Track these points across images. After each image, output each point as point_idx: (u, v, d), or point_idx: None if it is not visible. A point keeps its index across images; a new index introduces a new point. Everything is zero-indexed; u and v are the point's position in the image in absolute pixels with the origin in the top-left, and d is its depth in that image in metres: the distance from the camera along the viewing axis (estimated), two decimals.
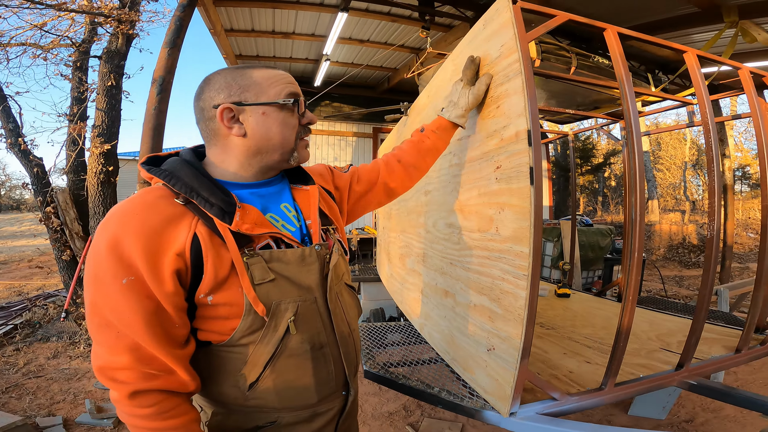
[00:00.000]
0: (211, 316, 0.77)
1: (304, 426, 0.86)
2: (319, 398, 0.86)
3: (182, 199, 0.75)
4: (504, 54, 1.16)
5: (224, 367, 0.80)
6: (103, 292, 0.69)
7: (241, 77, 0.82)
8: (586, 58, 3.21)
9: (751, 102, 1.71)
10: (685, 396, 2.82)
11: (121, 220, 0.70)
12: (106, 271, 0.68)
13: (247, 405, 0.82)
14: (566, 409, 1.18)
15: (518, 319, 1.03)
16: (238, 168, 0.84)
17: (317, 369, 0.85)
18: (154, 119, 2.57)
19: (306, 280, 0.83)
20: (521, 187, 1.07)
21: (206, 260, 0.73)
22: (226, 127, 0.81)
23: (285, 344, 0.80)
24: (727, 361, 1.49)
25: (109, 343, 0.70)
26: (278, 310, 0.79)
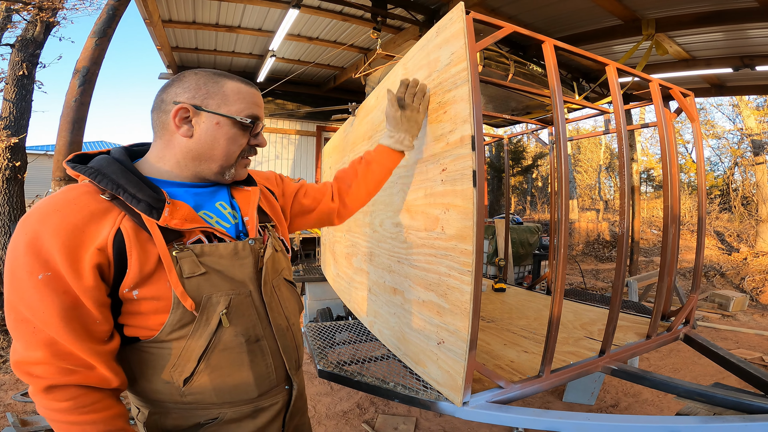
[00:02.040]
0: (138, 312, 0.76)
1: (248, 423, 0.86)
2: (259, 392, 0.87)
3: (108, 195, 0.75)
4: (454, 62, 1.22)
5: (156, 364, 0.79)
6: (18, 288, 0.68)
7: (212, 84, 0.84)
8: (523, 66, 3.45)
9: (658, 112, 1.95)
10: (608, 382, 3.15)
11: (42, 216, 0.69)
12: (23, 267, 0.67)
13: (183, 402, 0.81)
14: (512, 396, 1.27)
15: (465, 313, 1.10)
16: (174, 166, 0.84)
17: (255, 362, 0.85)
18: (74, 111, 2.34)
19: (239, 273, 0.83)
20: (465, 188, 1.13)
21: (130, 255, 0.73)
22: (176, 125, 0.82)
23: (218, 337, 0.80)
24: (640, 346, 1.69)
25: (25, 339, 0.69)
26: (209, 303, 0.79)
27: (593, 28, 4.74)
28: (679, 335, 1.91)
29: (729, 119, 13.27)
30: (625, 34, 4.63)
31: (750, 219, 9.55)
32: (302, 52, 5.84)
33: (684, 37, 4.81)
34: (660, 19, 4.41)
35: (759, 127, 9.26)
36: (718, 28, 4.46)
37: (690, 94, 2.18)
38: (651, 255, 9.66)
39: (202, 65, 6.43)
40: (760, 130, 9.19)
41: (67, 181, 2.37)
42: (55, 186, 2.36)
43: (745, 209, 10.02)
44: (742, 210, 10.05)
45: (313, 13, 4.52)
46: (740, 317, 5.29)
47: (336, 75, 6.72)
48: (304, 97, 7.11)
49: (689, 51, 5.15)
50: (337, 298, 3.51)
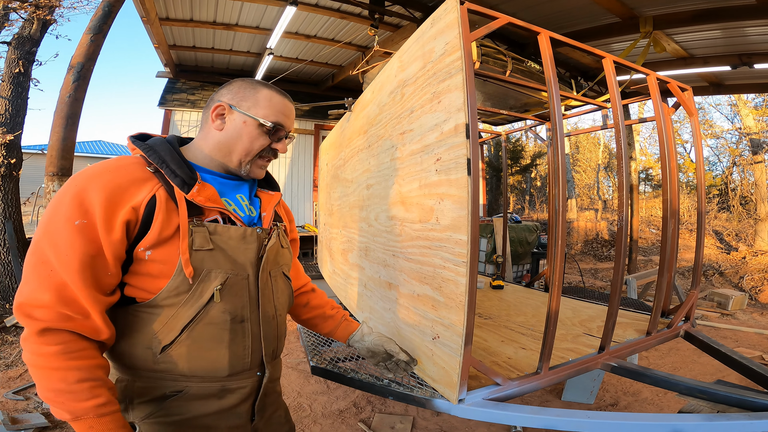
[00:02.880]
0: (144, 272, 0.83)
1: (213, 402, 0.90)
2: (230, 372, 0.90)
3: (153, 168, 0.86)
4: (448, 51, 1.20)
5: (141, 328, 0.84)
6: (51, 231, 0.75)
7: (251, 89, 0.97)
8: (520, 63, 3.42)
9: (656, 105, 1.93)
10: (607, 381, 3.12)
11: (94, 175, 0.80)
12: (64, 213, 0.76)
13: (155, 369, 0.85)
14: (509, 393, 1.24)
15: (460, 306, 1.07)
16: (207, 155, 0.96)
17: (234, 341, 0.90)
18: (68, 107, 2.32)
19: (242, 256, 0.91)
20: (459, 177, 1.11)
21: (156, 218, 0.81)
22: (212, 119, 0.95)
23: (207, 311, 0.86)
24: (640, 343, 1.66)
25: (39, 280, 0.74)
26: (208, 277, 0.86)
27: (591, 26, 4.72)
28: (680, 332, 1.89)
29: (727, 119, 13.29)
30: (623, 32, 4.61)
31: (748, 218, 9.54)
32: (300, 50, 5.81)
33: (682, 35, 4.79)
34: (658, 17, 4.39)
35: (757, 126, 9.25)
36: (715, 26, 4.44)
37: (688, 88, 2.16)
38: (649, 254, 9.64)
39: (199, 64, 6.40)
40: (758, 129, 9.18)
41: (61, 176, 2.34)
42: (48, 181, 2.33)
43: (743, 208, 10.01)
44: (740, 209, 10.04)
45: (311, 11, 4.50)
46: (739, 316, 5.27)
47: (334, 73, 6.70)
48: (303, 95, 7.08)
49: (687, 49, 5.14)
50: (332, 295, 3.48)
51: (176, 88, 6.43)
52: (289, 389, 3.00)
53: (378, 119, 1.83)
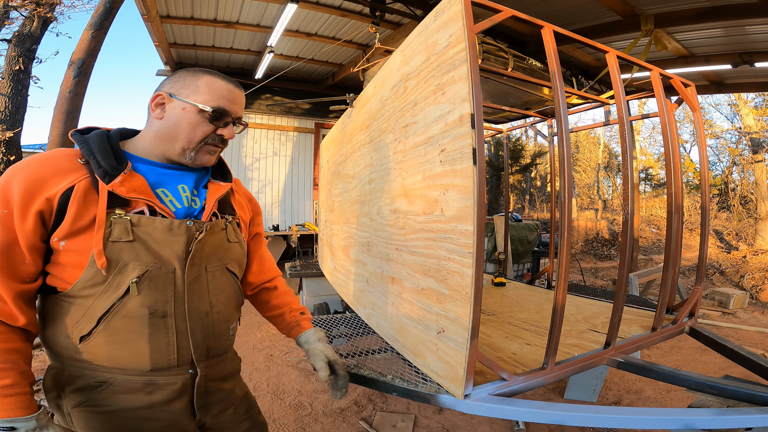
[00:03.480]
0: (61, 262, 0.83)
1: (142, 396, 0.89)
2: (152, 367, 0.89)
3: (83, 160, 0.86)
4: (452, 43, 1.19)
5: (62, 317, 0.85)
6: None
7: (191, 77, 0.96)
8: (522, 60, 3.41)
9: (659, 101, 1.91)
10: (610, 379, 3.11)
11: (21, 167, 0.81)
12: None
13: (77, 359, 0.86)
14: (515, 389, 1.22)
15: (466, 298, 1.05)
16: (148, 145, 0.96)
17: (155, 336, 0.88)
18: (68, 102, 2.30)
19: (167, 249, 0.89)
20: (465, 167, 1.09)
21: (69, 208, 0.81)
22: (152, 108, 0.95)
23: (123, 303, 0.85)
24: (646, 339, 1.64)
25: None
26: (125, 269, 0.84)
27: (592, 24, 4.70)
28: (684, 328, 1.87)
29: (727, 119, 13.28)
30: (624, 30, 4.60)
31: (748, 218, 9.53)
32: (301, 48, 5.79)
33: (683, 33, 4.78)
34: (659, 15, 4.38)
35: (758, 125, 9.24)
36: (717, 24, 4.43)
37: (691, 84, 2.15)
38: (650, 253, 9.63)
39: (200, 62, 6.38)
40: (759, 128, 9.18)
41: None
42: None
43: (743, 208, 10.01)
44: (740, 209, 10.04)
45: (312, 8, 4.48)
46: (741, 315, 5.26)
47: (334, 72, 6.68)
48: (303, 94, 7.07)
49: (688, 47, 5.13)
50: (334, 293, 3.46)
51: None
52: (290, 388, 2.98)
53: (380, 113, 1.82)
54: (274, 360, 3.52)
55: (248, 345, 3.83)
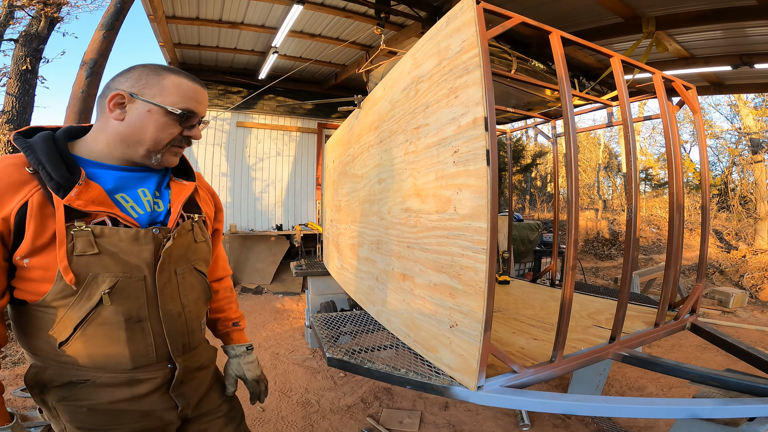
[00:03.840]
0: (27, 278, 0.82)
1: (124, 389, 0.91)
2: (134, 366, 0.91)
3: (32, 170, 0.81)
4: (465, 49, 1.24)
5: (38, 324, 0.85)
6: None
7: (154, 76, 0.91)
8: (525, 62, 3.44)
9: (661, 103, 1.96)
10: (612, 376, 3.15)
11: None
12: None
13: (59, 360, 0.87)
14: (526, 381, 1.27)
15: (479, 292, 1.10)
16: (104, 148, 0.90)
17: (133, 339, 0.89)
18: (80, 102, 2.34)
19: (135, 258, 0.88)
20: (478, 168, 1.14)
21: (28, 227, 0.79)
22: (110, 108, 0.88)
23: (98, 313, 0.85)
24: (649, 334, 1.69)
25: None
26: (94, 281, 0.83)
27: (594, 26, 4.76)
28: (686, 324, 1.92)
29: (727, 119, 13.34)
30: (626, 32, 4.64)
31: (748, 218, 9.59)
32: (304, 49, 5.83)
33: (683, 35, 4.83)
34: (660, 17, 4.43)
35: (757, 125, 9.30)
36: (717, 26, 4.48)
37: (692, 86, 2.20)
38: (650, 253, 9.69)
39: (203, 62, 6.42)
40: (758, 129, 9.24)
41: None
42: None
43: (743, 208, 10.06)
44: (740, 209, 10.10)
45: (317, 10, 4.51)
46: (740, 314, 5.31)
47: (337, 72, 6.72)
48: (306, 94, 7.10)
49: (689, 49, 5.18)
50: (339, 292, 3.50)
51: None
52: (297, 386, 3.02)
53: (390, 115, 1.86)
54: (280, 358, 3.56)
55: (254, 344, 3.87)
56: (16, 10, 4.40)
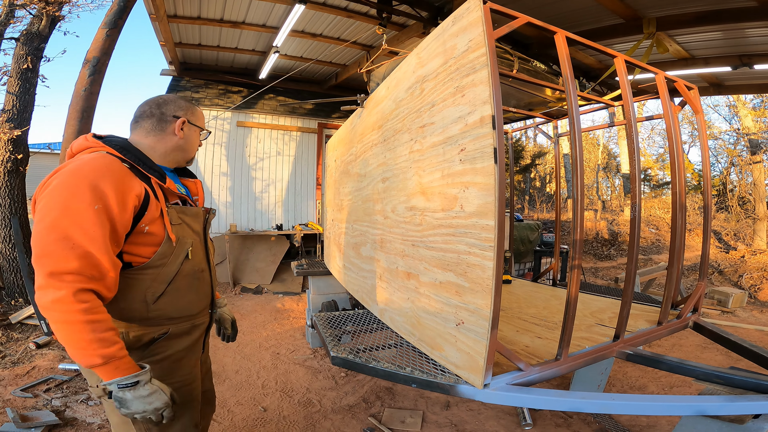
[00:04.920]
0: (141, 243, 1.09)
1: (185, 338, 1.22)
2: (197, 310, 1.25)
3: (128, 165, 1.09)
4: (472, 48, 1.24)
5: (136, 287, 1.09)
6: (72, 214, 0.95)
7: (193, 109, 1.33)
8: (526, 62, 3.46)
9: (664, 103, 1.97)
10: (613, 376, 3.16)
11: (95, 170, 1.00)
12: (83, 200, 0.96)
13: (148, 317, 1.12)
14: (531, 379, 1.27)
15: (486, 290, 1.10)
16: (163, 155, 1.26)
17: (199, 288, 1.24)
18: (83, 101, 2.33)
19: (197, 227, 1.26)
20: (486, 166, 1.14)
21: (150, 204, 1.09)
22: (178, 129, 1.26)
23: (183, 267, 1.18)
24: (653, 332, 1.70)
25: (62, 253, 0.92)
26: (184, 242, 1.18)
27: (595, 27, 4.77)
28: (689, 323, 1.92)
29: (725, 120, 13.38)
30: (626, 33, 4.65)
31: (746, 218, 9.62)
32: (305, 48, 5.83)
33: (684, 36, 4.84)
34: (661, 18, 4.44)
35: (756, 126, 9.33)
36: (717, 27, 4.49)
37: (694, 87, 2.21)
38: (649, 253, 9.71)
39: (204, 61, 6.41)
40: (757, 129, 9.27)
41: None
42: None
43: (741, 208, 10.09)
44: (738, 209, 10.13)
45: (318, 9, 4.51)
46: (739, 313, 5.33)
47: (338, 72, 6.72)
48: (306, 94, 7.10)
49: (689, 50, 5.19)
50: (341, 291, 3.50)
51: (180, 86, 6.44)
52: (298, 385, 3.01)
53: (394, 114, 1.86)
54: (280, 358, 3.55)
55: (254, 344, 3.86)
56: (17, 9, 4.38)
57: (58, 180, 0.98)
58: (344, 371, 3.20)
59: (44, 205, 0.96)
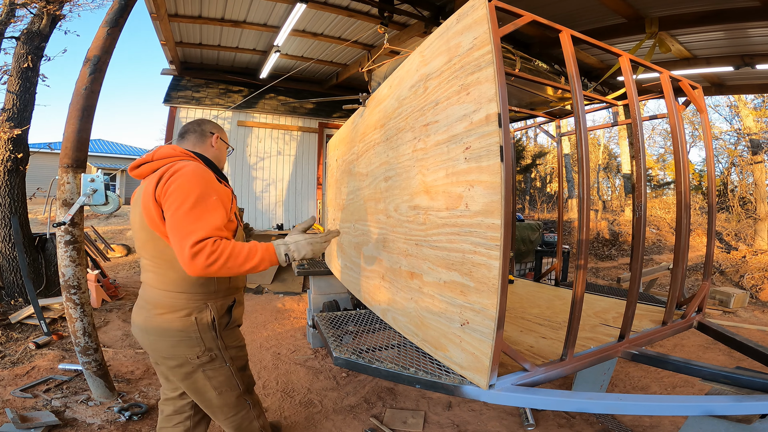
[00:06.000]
0: (227, 228, 1.39)
1: (241, 306, 1.63)
2: (243, 284, 1.67)
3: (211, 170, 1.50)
4: (476, 46, 1.23)
5: None
6: (204, 202, 1.31)
7: (222, 129, 1.76)
8: (528, 62, 3.44)
9: (668, 102, 1.96)
10: (615, 376, 3.14)
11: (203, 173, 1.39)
12: (206, 191, 1.34)
13: (230, 287, 1.53)
14: (537, 379, 1.26)
15: (492, 290, 1.09)
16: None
17: None
18: (84, 99, 2.31)
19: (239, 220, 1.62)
20: (491, 164, 1.13)
21: (234, 201, 1.54)
22: (214, 142, 1.68)
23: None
24: (658, 332, 1.69)
25: (213, 218, 1.30)
26: (240, 226, 1.60)
27: (597, 26, 4.76)
28: (693, 323, 1.91)
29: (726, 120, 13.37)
30: (629, 33, 4.64)
31: (747, 218, 9.61)
32: (306, 48, 5.82)
33: (686, 36, 4.83)
34: (663, 18, 4.43)
35: (757, 126, 9.32)
36: (719, 27, 4.48)
37: (698, 86, 2.20)
38: (650, 253, 9.69)
39: (205, 61, 6.40)
40: (758, 129, 9.26)
41: (75, 168, 2.34)
42: (62, 173, 2.32)
43: (742, 209, 10.08)
44: (739, 209, 10.11)
45: (320, 9, 4.51)
46: (741, 314, 5.32)
47: (339, 72, 6.71)
48: (307, 93, 7.09)
49: (691, 50, 5.18)
50: (342, 291, 3.49)
51: (181, 86, 6.43)
52: (299, 386, 3.00)
53: (397, 112, 1.85)
54: (281, 358, 3.54)
55: (255, 344, 3.85)
56: (18, 8, 4.37)
57: (182, 179, 1.31)
58: (345, 371, 3.19)
59: (177, 196, 1.28)
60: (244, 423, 1.58)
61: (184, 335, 1.39)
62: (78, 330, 2.41)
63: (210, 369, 1.45)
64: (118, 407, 2.37)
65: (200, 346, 1.41)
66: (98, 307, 4.38)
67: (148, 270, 1.46)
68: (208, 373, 1.46)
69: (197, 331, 1.40)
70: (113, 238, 9.92)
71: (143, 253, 1.46)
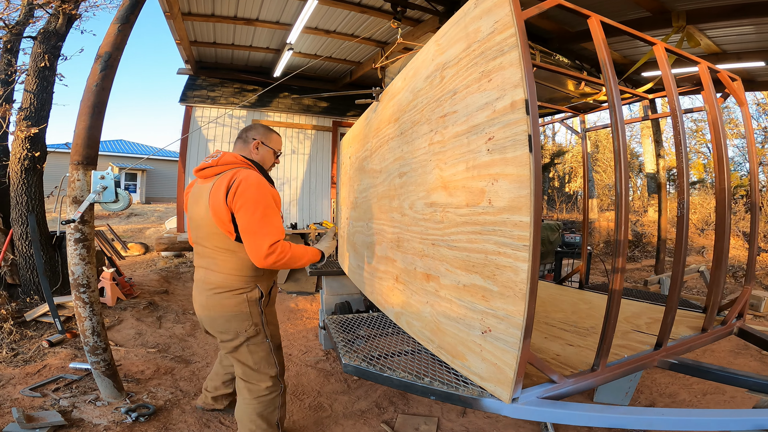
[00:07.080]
0: None
1: (276, 287, 1.93)
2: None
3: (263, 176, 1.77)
4: (498, 29, 1.13)
5: None
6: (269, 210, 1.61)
7: (269, 134, 1.94)
8: (548, 56, 3.31)
9: (708, 94, 1.81)
10: (641, 382, 2.97)
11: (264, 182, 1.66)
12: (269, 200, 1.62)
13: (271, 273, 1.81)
14: (565, 391, 1.15)
15: (519, 295, 0.98)
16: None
17: None
18: (95, 96, 2.28)
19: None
20: (518, 155, 1.02)
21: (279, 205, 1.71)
22: (253, 148, 1.87)
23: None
24: (697, 340, 1.55)
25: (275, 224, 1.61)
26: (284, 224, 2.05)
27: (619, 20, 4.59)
28: (733, 329, 1.76)
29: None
30: (653, 27, 4.46)
31: None
32: (319, 45, 5.76)
33: (714, 30, 4.62)
34: (690, 12, 4.24)
35: None
36: (749, 21, 4.28)
37: (737, 78, 2.06)
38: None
39: (219, 60, 6.41)
40: None
41: (86, 165, 2.31)
42: (73, 170, 2.29)
43: None
44: None
45: (332, 5, 4.44)
46: None
47: (352, 70, 6.64)
48: (320, 92, 7.06)
49: (719, 44, 4.95)
50: (355, 292, 3.41)
51: (197, 85, 6.45)
52: (309, 388, 2.93)
53: (412, 105, 1.76)
54: (292, 360, 3.47)
55: None
56: (36, 9, 4.42)
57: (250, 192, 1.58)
58: None
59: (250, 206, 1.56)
60: (269, 408, 1.79)
61: (237, 310, 1.68)
62: (87, 329, 2.38)
63: (253, 343, 1.72)
64: (126, 408, 2.33)
65: (249, 320, 1.69)
66: (113, 305, 4.39)
67: (207, 257, 1.74)
68: (251, 347, 1.72)
69: (247, 306, 1.68)
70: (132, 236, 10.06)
71: (206, 243, 1.72)
